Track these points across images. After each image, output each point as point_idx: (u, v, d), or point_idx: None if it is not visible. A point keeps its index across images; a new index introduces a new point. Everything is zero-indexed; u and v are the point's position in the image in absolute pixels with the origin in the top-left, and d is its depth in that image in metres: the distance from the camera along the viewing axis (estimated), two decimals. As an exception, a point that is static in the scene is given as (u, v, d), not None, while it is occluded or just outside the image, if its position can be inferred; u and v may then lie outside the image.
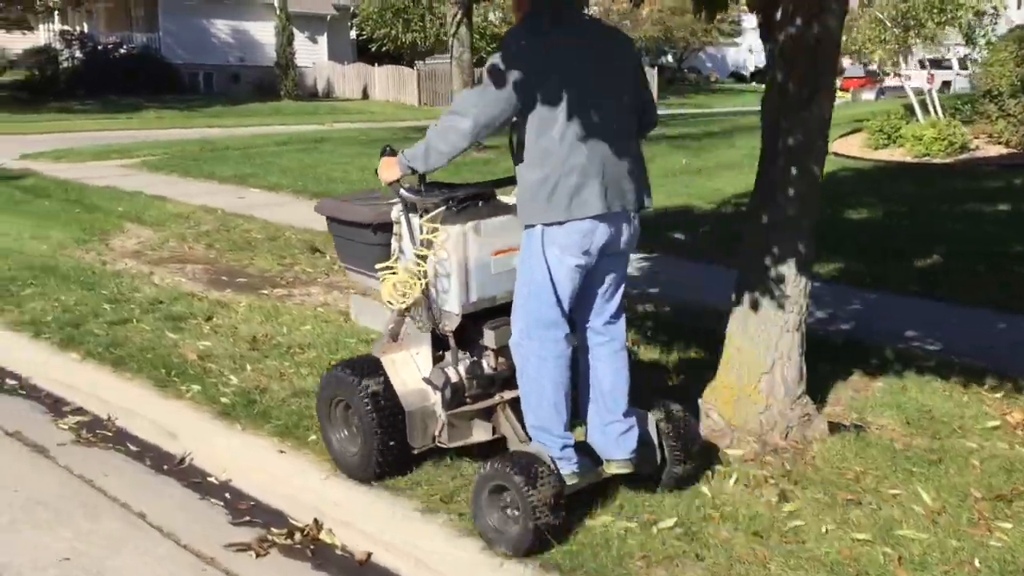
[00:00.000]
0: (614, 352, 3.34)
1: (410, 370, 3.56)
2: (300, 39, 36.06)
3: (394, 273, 3.44)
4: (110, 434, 4.43)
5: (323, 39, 39.08)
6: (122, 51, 33.76)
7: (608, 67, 3.17)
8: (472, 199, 3.37)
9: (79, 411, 4.70)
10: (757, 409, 3.98)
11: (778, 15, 3.86)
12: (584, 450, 3.35)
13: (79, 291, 6.38)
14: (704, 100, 40.41)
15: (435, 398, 3.48)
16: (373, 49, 40.14)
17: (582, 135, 3.04)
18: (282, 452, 4.05)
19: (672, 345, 5.13)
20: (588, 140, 3.05)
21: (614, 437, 3.31)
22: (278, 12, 33.89)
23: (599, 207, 3.07)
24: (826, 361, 4.52)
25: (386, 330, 3.66)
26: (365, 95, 37.39)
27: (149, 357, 5.09)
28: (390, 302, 3.45)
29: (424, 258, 3.31)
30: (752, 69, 56.84)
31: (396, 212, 3.45)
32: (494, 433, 3.56)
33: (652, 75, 42.34)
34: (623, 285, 3.36)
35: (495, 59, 3.05)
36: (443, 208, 3.31)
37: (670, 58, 50.97)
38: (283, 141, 16.77)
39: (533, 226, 3.12)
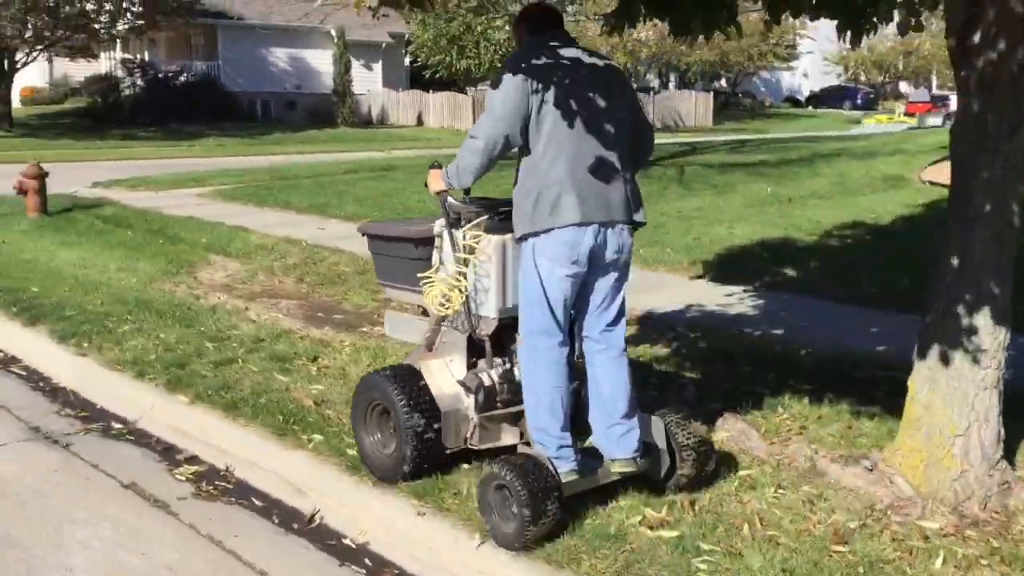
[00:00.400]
0: (612, 359, 3.50)
1: (445, 376, 3.78)
2: (356, 67, 36.30)
3: (433, 283, 3.69)
4: (231, 486, 4.17)
5: (378, 67, 39.29)
6: (182, 79, 34.20)
7: (593, 91, 3.39)
8: (510, 212, 3.50)
9: (194, 460, 4.45)
10: (950, 476, 3.58)
11: (976, 38, 3.51)
12: (590, 452, 3.55)
13: (178, 328, 6.16)
14: (761, 125, 39.87)
15: (468, 401, 3.69)
16: (427, 76, 40.37)
17: (562, 151, 3.31)
18: (421, 514, 3.72)
19: (822, 396, 4.72)
20: (568, 156, 3.31)
21: (615, 439, 3.48)
22: (336, 40, 34.16)
23: (577, 216, 3.28)
24: (1018, 419, 4.10)
25: (423, 340, 3.87)
26: (419, 122, 37.46)
27: (263, 402, 4.82)
28: (437, 308, 3.67)
29: (466, 263, 3.56)
30: (807, 94, 56.25)
31: (439, 226, 3.71)
32: (521, 438, 3.69)
33: (707, 100, 42.00)
34: (620, 295, 3.51)
35: (495, 85, 3.36)
36: (485, 218, 3.57)
37: (724, 83, 50.51)
38: (351, 169, 16.63)
39: (525, 239, 3.38)
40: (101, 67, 39.21)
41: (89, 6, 27.38)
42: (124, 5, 27.91)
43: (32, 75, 40.72)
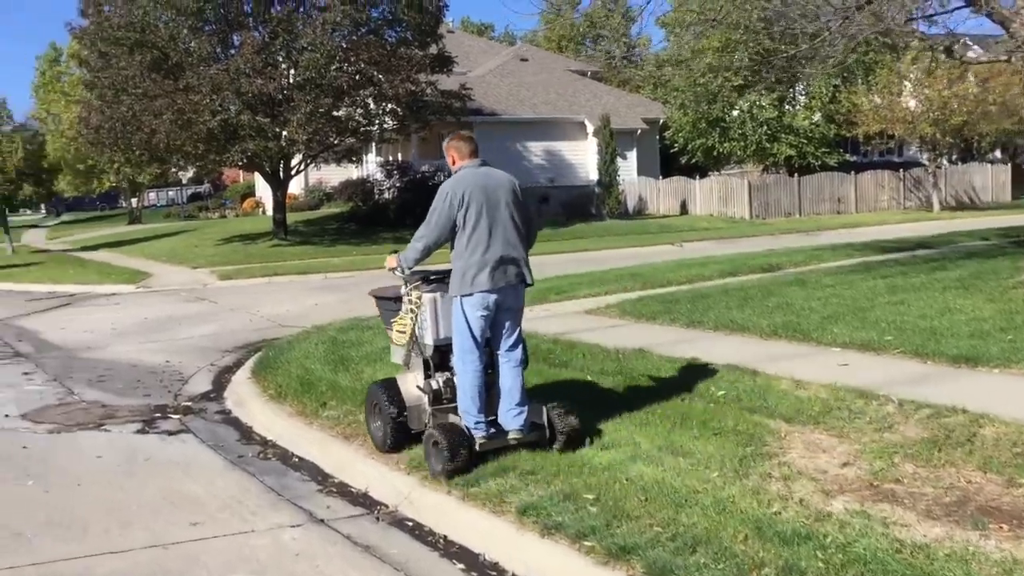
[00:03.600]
0: (512, 368, 5.48)
1: (411, 384, 5.81)
2: (612, 155, 34.15)
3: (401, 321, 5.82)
4: None
5: (632, 154, 37.02)
6: (438, 179, 33.15)
7: (498, 198, 5.39)
8: (438, 277, 5.62)
9: None
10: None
11: None
12: (496, 426, 5.47)
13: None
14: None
15: (424, 399, 5.72)
16: (684, 161, 37.75)
17: (479, 244, 5.33)
18: None
19: None
20: (482, 247, 5.33)
21: (511, 418, 5.43)
22: (602, 128, 32.18)
23: (487, 286, 5.33)
24: None
25: (401, 361, 5.85)
26: (684, 210, 34.70)
27: None
28: (396, 339, 5.82)
29: (413, 311, 5.63)
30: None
31: (404, 289, 5.73)
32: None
33: (1005, 172, 37.00)
34: (518, 329, 5.54)
35: (435, 200, 5.38)
36: (421, 283, 5.64)
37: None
38: (726, 270, 13.68)
39: (457, 297, 5.41)
40: (352, 172, 39.23)
41: (359, 111, 26.67)
42: (390, 107, 27.02)
43: (290, 182, 41.54)
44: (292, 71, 24.78)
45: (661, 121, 38.31)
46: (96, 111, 24.19)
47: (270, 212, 40.38)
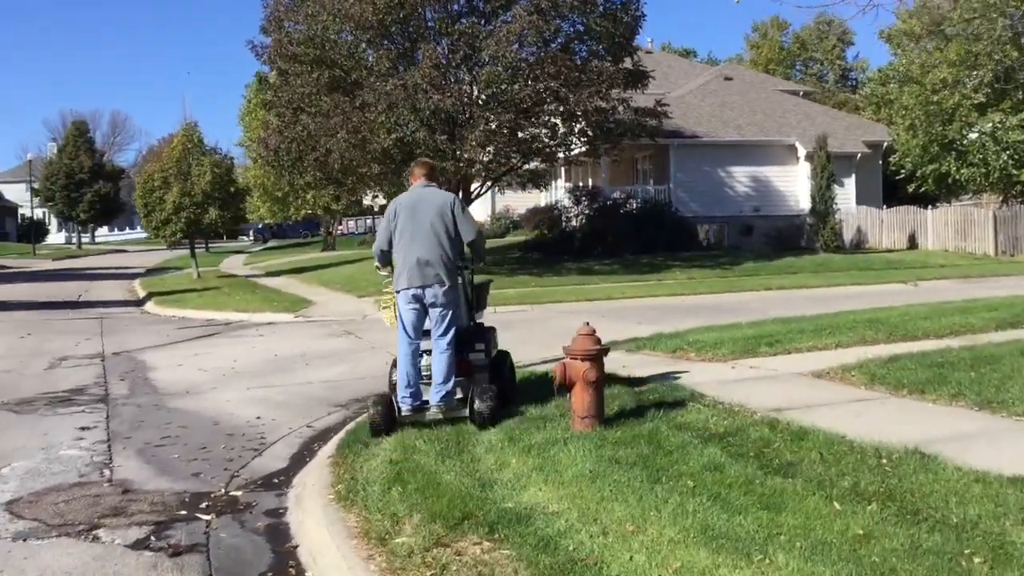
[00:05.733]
0: (440, 352, 6.27)
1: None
2: (828, 182, 30.19)
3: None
4: None
5: (850, 181, 32.83)
6: (630, 206, 30.47)
7: (422, 215, 6.42)
8: None
9: None
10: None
11: None
12: (421, 400, 6.31)
13: None
14: None
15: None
16: (912, 189, 33.14)
17: (402, 249, 6.42)
18: None
19: None
20: (404, 250, 6.40)
21: (436, 395, 6.25)
22: (817, 151, 28.49)
23: (405, 284, 6.35)
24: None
25: None
26: (912, 243, 30.21)
27: None
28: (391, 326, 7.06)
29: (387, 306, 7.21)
30: None
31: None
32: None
33: None
34: (445, 320, 6.31)
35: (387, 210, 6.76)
36: (388, 280, 6.76)
37: None
38: (1010, 321, 10.18)
39: (395, 292, 6.57)
40: (540, 198, 37.19)
41: (543, 130, 24.48)
42: (578, 127, 24.66)
43: (476, 209, 40.05)
44: (474, 87, 22.96)
45: (885, 145, 33.89)
46: (275, 131, 23.30)
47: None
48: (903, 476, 4.57)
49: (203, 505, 5.32)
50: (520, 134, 23.48)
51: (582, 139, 25.10)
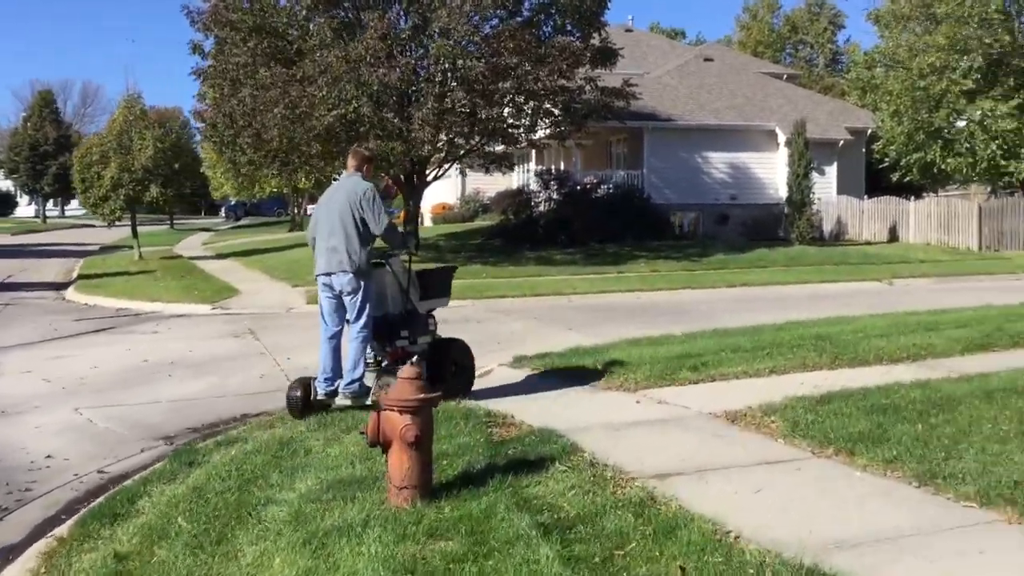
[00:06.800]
0: (351, 340, 6.56)
1: None
2: (807, 170, 28.71)
3: None
4: None
5: (831, 170, 31.37)
6: (601, 191, 28.96)
7: (333, 204, 6.71)
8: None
9: None
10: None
11: None
12: (335, 385, 6.64)
13: None
14: None
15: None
16: (895, 179, 31.73)
17: (315, 235, 6.78)
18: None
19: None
20: (317, 237, 6.75)
21: (344, 382, 6.59)
22: (795, 138, 26.99)
23: (320, 270, 6.68)
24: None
25: None
26: (893, 236, 28.82)
27: None
28: None
29: None
30: None
31: None
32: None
33: None
34: (355, 308, 6.57)
35: None
36: None
37: None
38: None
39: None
40: (513, 181, 35.59)
41: (507, 110, 22.89)
42: (546, 106, 23.07)
43: (444, 191, 38.26)
44: (425, 61, 21.36)
45: (869, 132, 32.41)
46: (213, 105, 21.71)
47: (428, 223, 37.64)
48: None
49: None
50: (480, 114, 21.87)
51: (546, 120, 23.55)
